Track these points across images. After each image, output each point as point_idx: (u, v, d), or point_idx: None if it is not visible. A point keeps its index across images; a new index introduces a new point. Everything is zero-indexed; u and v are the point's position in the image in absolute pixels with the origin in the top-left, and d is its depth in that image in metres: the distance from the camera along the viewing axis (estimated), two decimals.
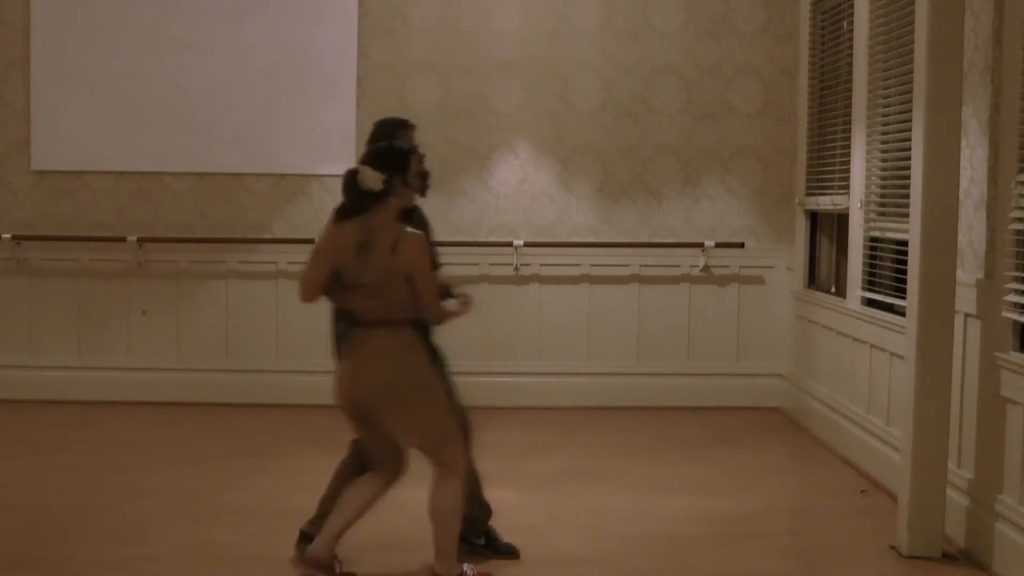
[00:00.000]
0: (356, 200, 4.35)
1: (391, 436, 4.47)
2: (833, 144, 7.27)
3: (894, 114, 6.16)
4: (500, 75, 8.14)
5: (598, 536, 5.33)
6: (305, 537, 4.78)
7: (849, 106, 6.87)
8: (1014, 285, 4.76)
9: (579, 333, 8.20)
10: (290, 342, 8.08)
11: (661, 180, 8.17)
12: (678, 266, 8.19)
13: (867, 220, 6.58)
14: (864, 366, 6.54)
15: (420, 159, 4.65)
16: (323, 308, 4.46)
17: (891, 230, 6.20)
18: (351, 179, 4.36)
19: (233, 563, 4.90)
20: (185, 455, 6.73)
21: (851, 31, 6.91)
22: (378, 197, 4.34)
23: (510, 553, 4.97)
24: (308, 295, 4.43)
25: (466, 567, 4.58)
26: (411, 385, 4.36)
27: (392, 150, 4.50)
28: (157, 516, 5.48)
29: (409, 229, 4.38)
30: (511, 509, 5.74)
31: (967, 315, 5.09)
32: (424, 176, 4.73)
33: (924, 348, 5.01)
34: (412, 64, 8.12)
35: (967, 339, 5.11)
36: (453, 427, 4.48)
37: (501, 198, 8.18)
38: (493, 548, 4.98)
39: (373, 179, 4.33)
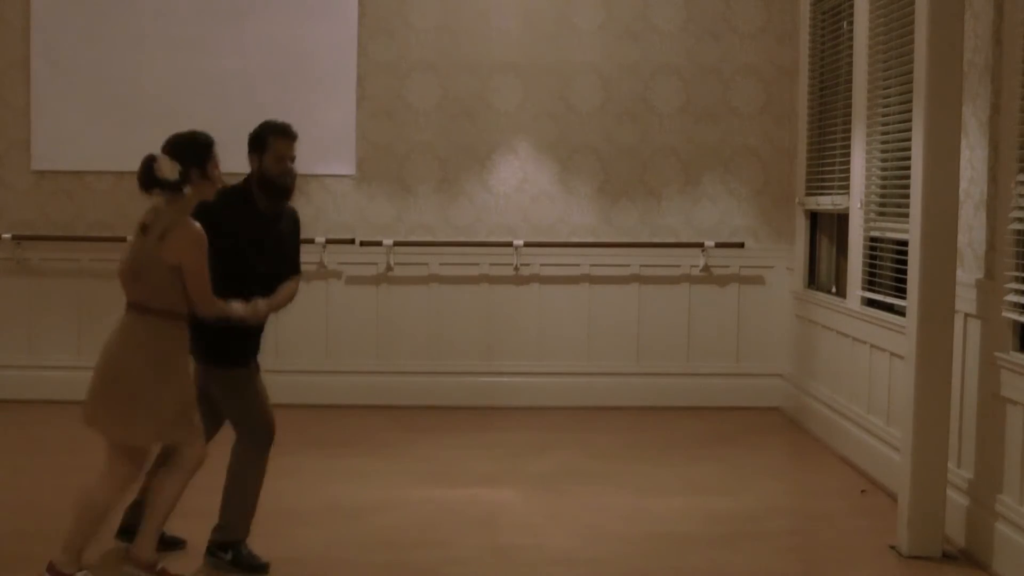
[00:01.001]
0: (150, 189, 4.32)
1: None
2: (833, 144, 7.27)
3: (894, 114, 6.16)
4: (500, 75, 8.13)
5: (598, 536, 5.32)
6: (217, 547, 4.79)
7: (849, 106, 6.87)
8: (1014, 285, 4.76)
9: (579, 333, 8.19)
10: (289, 342, 8.07)
11: (661, 180, 8.17)
12: (678, 266, 8.19)
13: (867, 220, 6.58)
14: (864, 366, 6.54)
15: (289, 173, 4.78)
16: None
17: (891, 230, 6.20)
18: (147, 167, 4.32)
19: None
20: None
21: (851, 31, 6.91)
22: (174, 187, 4.31)
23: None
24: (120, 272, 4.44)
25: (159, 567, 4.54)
26: (130, 375, 4.31)
27: (191, 141, 4.46)
28: None
29: (190, 222, 4.32)
30: (511, 509, 5.75)
31: (967, 315, 5.09)
32: (286, 188, 4.78)
33: (924, 348, 5.01)
34: (412, 64, 8.12)
35: (967, 339, 5.11)
36: (180, 427, 4.42)
37: (501, 198, 8.18)
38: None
39: (169, 168, 4.31)
